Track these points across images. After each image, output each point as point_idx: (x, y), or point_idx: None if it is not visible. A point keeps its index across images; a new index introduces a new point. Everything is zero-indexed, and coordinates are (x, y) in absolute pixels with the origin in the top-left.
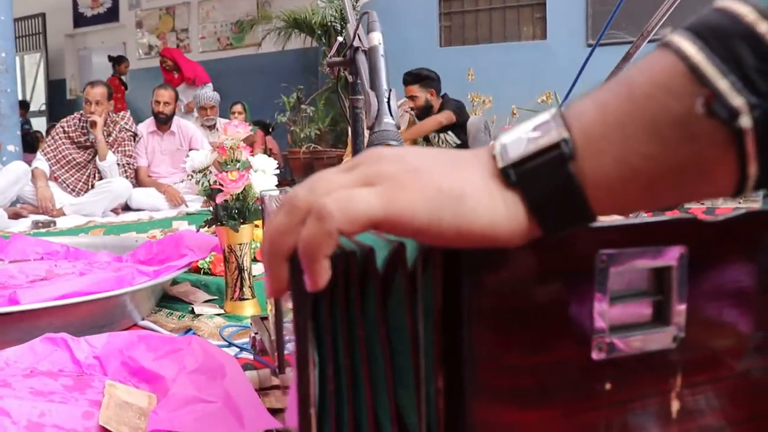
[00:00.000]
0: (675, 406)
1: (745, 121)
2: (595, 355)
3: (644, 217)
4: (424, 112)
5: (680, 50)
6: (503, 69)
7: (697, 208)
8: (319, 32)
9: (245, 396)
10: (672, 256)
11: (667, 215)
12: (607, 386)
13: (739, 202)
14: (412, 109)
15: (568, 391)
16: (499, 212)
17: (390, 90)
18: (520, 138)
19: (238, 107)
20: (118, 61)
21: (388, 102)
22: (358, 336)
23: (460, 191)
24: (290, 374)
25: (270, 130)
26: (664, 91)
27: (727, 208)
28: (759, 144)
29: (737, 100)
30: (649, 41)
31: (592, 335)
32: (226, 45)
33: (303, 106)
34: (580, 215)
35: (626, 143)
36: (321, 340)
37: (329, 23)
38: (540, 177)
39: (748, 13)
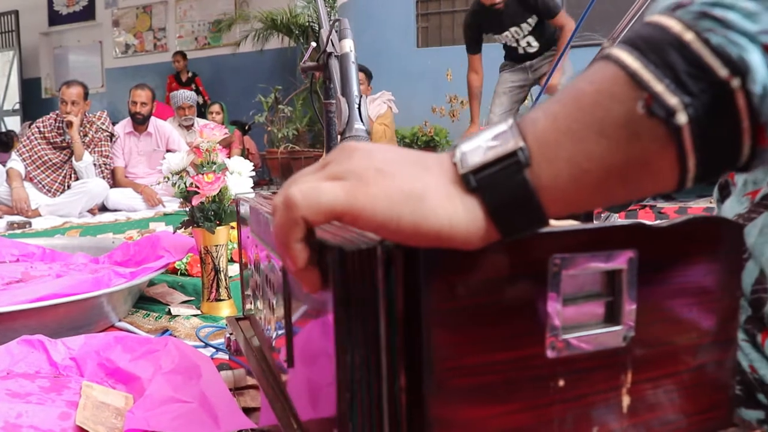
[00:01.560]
0: (626, 401)
1: (681, 118)
2: (550, 354)
3: (596, 223)
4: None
5: (620, 60)
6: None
7: (669, 208)
8: (297, 33)
9: (220, 396)
10: (622, 259)
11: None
12: (561, 383)
13: (710, 202)
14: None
15: (524, 388)
16: (458, 215)
17: (361, 96)
18: (479, 146)
19: (215, 107)
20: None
21: (359, 108)
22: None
23: (422, 192)
24: (299, 367)
25: (246, 129)
26: (608, 97)
27: (698, 207)
28: (695, 139)
29: (673, 100)
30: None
31: (547, 335)
32: (204, 44)
33: (281, 107)
34: (535, 218)
35: (576, 147)
36: (351, 332)
37: (308, 24)
38: (498, 183)
39: (674, 25)
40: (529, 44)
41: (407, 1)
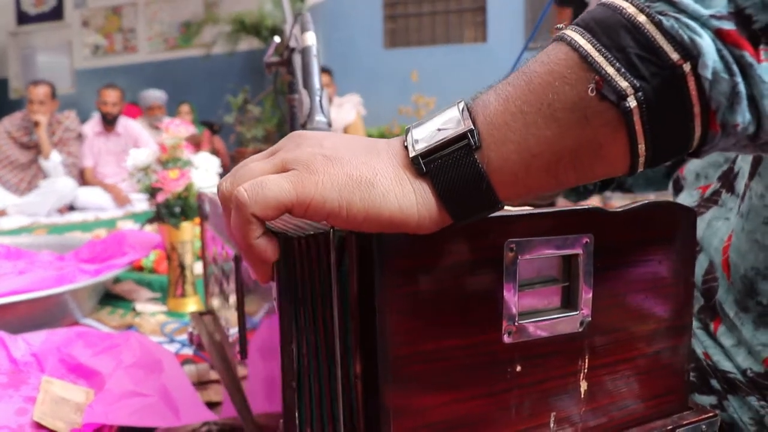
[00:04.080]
0: (584, 386)
1: (632, 102)
2: (506, 339)
3: (552, 208)
4: None
5: (572, 42)
6: (446, 70)
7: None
8: (266, 34)
9: (182, 390)
10: (578, 244)
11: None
12: (518, 368)
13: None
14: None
15: (481, 374)
16: (408, 200)
17: (322, 89)
18: (430, 130)
19: (185, 107)
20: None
21: (320, 101)
22: (318, 315)
23: (371, 178)
24: (252, 359)
25: (215, 130)
26: (559, 79)
27: None
28: (645, 123)
29: (623, 83)
30: None
31: (502, 320)
32: (174, 45)
33: (249, 107)
34: (486, 202)
35: (527, 130)
36: (297, 320)
37: (276, 25)
38: (448, 167)
39: (627, 6)
40: None
41: (375, 3)
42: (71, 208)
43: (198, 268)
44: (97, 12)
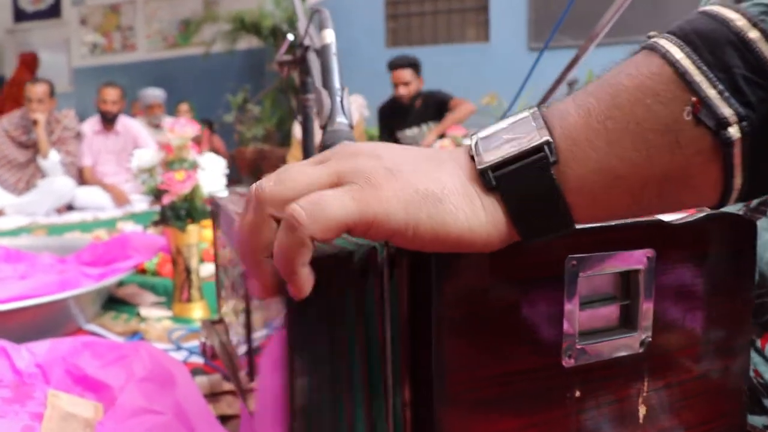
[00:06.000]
0: (642, 410)
1: (734, 132)
2: (565, 362)
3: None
4: (412, 99)
5: (668, 55)
6: (448, 70)
7: None
8: (266, 33)
9: (196, 407)
10: (639, 259)
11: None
12: (577, 393)
13: None
14: (399, 97)
15: (539, 400)
16: (478, 217)
17: (343, 88)
18: (500, 138)
19: (184, 106)
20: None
21: (341, 101)
22: (339, 343)
23: (439, 193)
24: (260, 380)
25: (213, 128)
26: (650, 96)
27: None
28: (745, 156)
29: (726, 110)
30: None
31: (562, 342)
32: (173, 44)
33: (249, 106)
34: (560, 223)
35: (610, 148)
36: (307, 347)
37: (276, 24)
38: (521, 181)
39: (737, 19)
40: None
41: (377, 2)
42: (70, 207)
43: (204, 271)
44: (95, 10)
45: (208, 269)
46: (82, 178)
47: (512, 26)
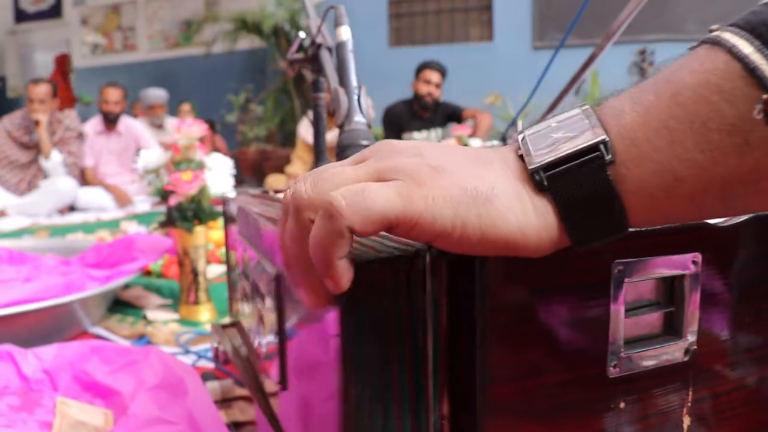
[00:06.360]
0: (686, 421)
1: None
2: (611, 372)
3: None
4: (434, 104)
5: (735, 49)
6: (451, 70)
7: None
8: (268, 33)
9: (208, 416)
10: (685, 263)
11: None
12: (621, 404)
13: None
14: (421, 97)
15: (584, 412)
16: (529, 220)
17: (360, 87)
18: (550, 137)
19: (185, 106)
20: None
21: (359, 99)
22: (390, 352)
23: (488, 193)
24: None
25: (215, 128)
26: (716, 93)
27: None
28: None
29: None
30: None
31: (607, 350)
32: (174, 44)
33: (252, 106)
34: (615, 227)
35: (672, 149)
36: (359, 356)
37: (278, 24)
38: (574, 183)
39: None
40: None
41: (379, 2)
42: (72, 208)
43: (211, 273)
44: (96, 10)
45: (213, 271)
46: (84, 178)
47: (516, 25)
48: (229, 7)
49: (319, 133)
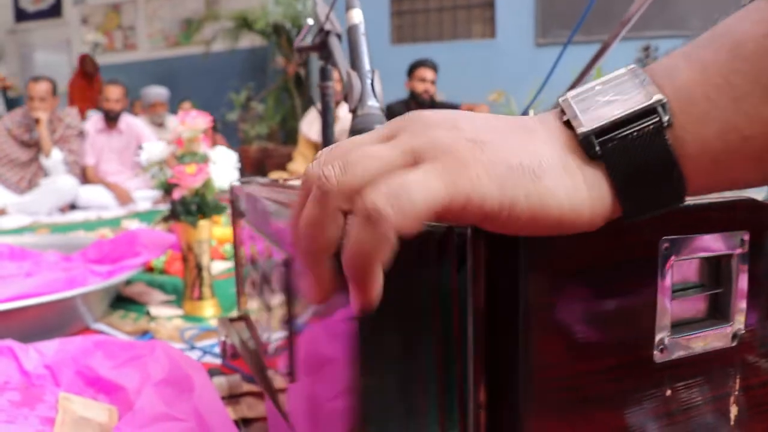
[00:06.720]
0: (734, 410)
1: None
2: (658, 357)
3: (708, 198)
4: (430, 101)
5: None
6: (454, 67)
7: None
8: (268, 31)
9: (216, 413)
10: (733, 242)
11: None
12: (668, 392)
13: None
14: (418, 95)
15: (630, 400)
16: (579, 193)
17: (373, 71)
18: (596, 100)
19: (186, 105)
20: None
21: (372, 83)
22: (414, 339)
23: (536, 168)
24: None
25: (216, 126)
26: None
27: None
28: None
29: None
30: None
31: (654, 334)
32: (174, 43)
33: (253, 104)
34: (672, 196)
35: (736, 106)
36: (377, 344)
37: (278, 22)
38: (630, 149)
39: None
40: None
41: None
42: (73, 206)
43: (214, 269)
44: (96, 9)
45: (217, 268)
46: (84, 176)
47: (519, 22)
48: (229, 6)
49: (327, 125)
